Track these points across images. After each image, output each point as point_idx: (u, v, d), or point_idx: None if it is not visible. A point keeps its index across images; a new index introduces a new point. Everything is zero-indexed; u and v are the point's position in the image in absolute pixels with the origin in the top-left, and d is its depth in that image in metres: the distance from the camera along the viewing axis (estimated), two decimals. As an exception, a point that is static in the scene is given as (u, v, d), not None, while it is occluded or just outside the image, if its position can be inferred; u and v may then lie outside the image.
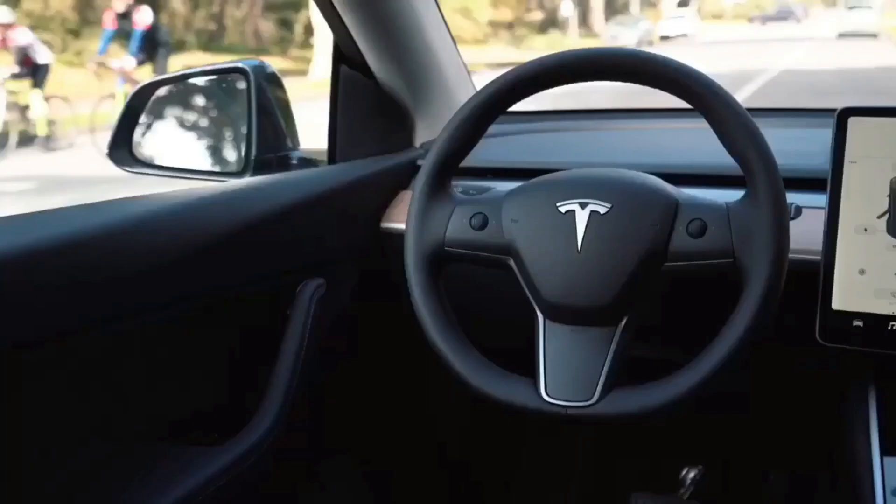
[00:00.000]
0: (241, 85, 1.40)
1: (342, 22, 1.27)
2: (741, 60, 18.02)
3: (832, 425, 1.23)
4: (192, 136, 1.53)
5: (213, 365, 1.14)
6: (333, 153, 1.38)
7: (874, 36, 24.30)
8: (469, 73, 1.49)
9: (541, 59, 1.01)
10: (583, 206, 0.97)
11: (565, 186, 1.00)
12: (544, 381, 0.96)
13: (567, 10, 29.81)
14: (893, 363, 1.10)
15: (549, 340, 0.98)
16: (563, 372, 0.96)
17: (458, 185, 1.24)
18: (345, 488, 1.50)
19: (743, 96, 12.31)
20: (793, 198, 1.02)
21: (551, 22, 31.16)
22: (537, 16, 31.85)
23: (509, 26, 29.36)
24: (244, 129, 1.39)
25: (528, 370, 0.99)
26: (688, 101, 0.96)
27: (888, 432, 1.12)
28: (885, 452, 1.10)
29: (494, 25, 28.37)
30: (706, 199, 0.97)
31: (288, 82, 1.47)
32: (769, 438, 1.56)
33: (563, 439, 1.73)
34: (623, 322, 0.97)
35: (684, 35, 30.45)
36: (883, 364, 1.12)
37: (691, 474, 1.53)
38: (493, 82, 1.02)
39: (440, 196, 1.03)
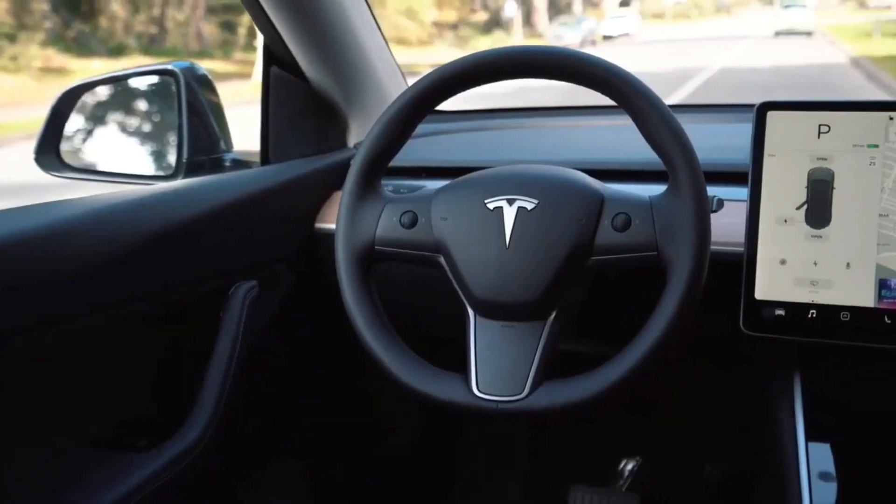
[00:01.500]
0: (173, 87, 1.38)
1: (271, 23, 1.27)
2: (682, 59, 18.31)
3: (761, 414, 1.26)
4: (121, 139, 1.51)
5: (146, 369, 1.13)
6: (266, 154, 1.38)
7: (809, 34, 24.86)
8: (402, 71, 1.49)
9: (468, 57, 1.02)
10: (510, 202, 0.98)
11: (493, 183, 1.01)
12: (475, 376, 0.97)
13: (511, 10, 30.00)
14: (816, 351, 1.13)
15: (480, 336, 0.99)
16: (493, 367, 0.97)
17: (389, 185, 1.25)
18: (286, 491, 1.49)
19: (684, 94, 12.51)
20: (715, 191, 1.04)
21: (496, 22, 31.33)
22: (482, 16, 32.00)
23: (454, 27, 29.45)
24: (175, 132, 1.37)
25: (460, 367, 0.99)
26: (613, 99, 0.98)
27: (812, 418, 1.15)
28: (809, 438, 1.13)
29: (439, 26, 28.45)
30: (631, 193, 0.98)
31: (232, 85, 1.48)
32: (705, 429, 1.59)
33: (504, 434, 1.74)
34: (552, 316, 0.98)
35: (626, 34, 30.84)
36: (806, 352, 1.15)
37: (629, 466, 1.55)
38: (419, 81, 1.02)
39: (369, 195, 1.04)
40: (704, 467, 1.58)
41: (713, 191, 1.03)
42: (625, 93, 0.95)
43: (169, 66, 1.38)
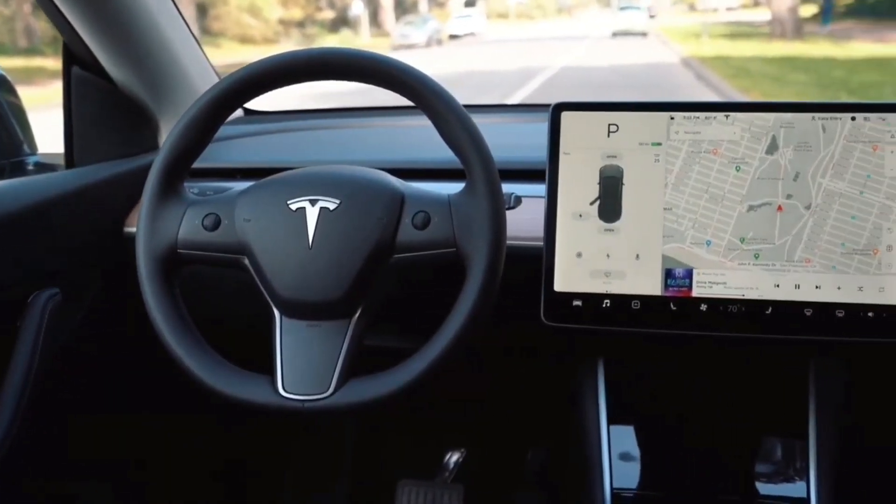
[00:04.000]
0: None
1: (67, 21, 1.22)
2: (526, 58, 18.74)
3: (571, 400, 1.31)
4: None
5: None
6: (71, 157, 1.33)
7: (644, 35, 25.95)
8: (216, 70, 1.47)
9: (267, 59, 1.02)
10: (313, 202, 0.99)
11: (296, 184, 1.01)
12: (281, 376, 0.98)
13: (357, 8, 29.94)
14: (617, 339, 1.19)
15: (286, 336, 1.00)
16: (299, 366, 0.98)
17: (195, 187, 1.23)
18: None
19: (528, 90, 12.82)
20: (513, 188, 1.08)
21: (342, 21, 31.18)
22: (328, 14, 31.78)
23: (300, 25, 29.11)
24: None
25: (269, 367, 1.00)
26: (410, 100, 1.00)
27: (613, 403, 1.21)
28: (611, 421, 1.20)
29: (285, 24, 28.05)
30: (430, 192, 1.01)
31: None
32: (526, 418, 1.65)
33: (332, 433, 1.75)
34: (356, 314, 1.00)
35: (472, 34, 31.30)
36: (608, 340, 1.21)
37: (454, 458, 1.59)
38: (218, 83, 1.02)
39: (171, 198, 1.02)
40: (527, 454, 1.64)
41: (512, 188, 1.07)
42: (421, 94, 0.98)
43: (-37, 69, 1.32)
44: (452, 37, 29.72)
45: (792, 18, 20.42)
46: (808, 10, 23.23)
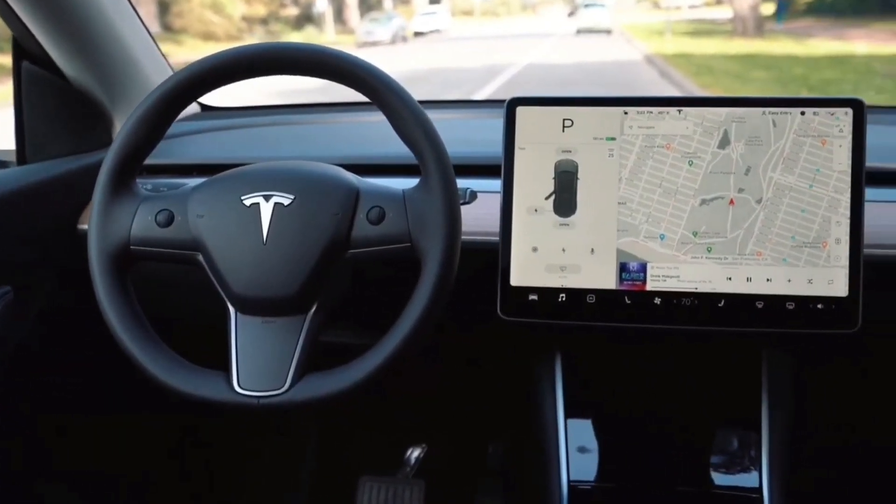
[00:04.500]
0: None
1: (16, 15, 1.21)
2: (491, 55, 18.76)
3: (531, 393, 1.32)
4: None
5: None
6: (23, 154, 1.31)
7: (608, 32, 26.11)
8: (171, 66, 1.46)
9: (224, 53, 1.01)
10: (267, 198, 0.99)
11: (249, 180, 1.01)
12: (236, 373, 0.97)
13: (322, 5, 29.80)
14: (574, 333, 1.20)
15: (241, 332, 1.00)
16: (255, 363, 0.98)
17: (149, 183, 1.22)
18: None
19: (494, 87, 12.85)
20: (469, 183, 1.08)
21: (307, 17, 31.02)
22: (292, 11, 31.58)
23: (264, 22, 28.90)
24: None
25: (224, 364, 0.99)
26: (366, 96, 1.00)
27: (571, 396, 1.22)
28: (568, 414, 1.21)
29: (248, 21, 27.82)
30: (385, 187, 1.01)
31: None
32: (487, 412, 1.65)
33: (294, 430, 1.74)
34: (312, 310, 1.00)
35: (437, 31, 31.29)
36: (565, 334, 1.22)
37: (415, 453, 1.59)
38: (171, 77, 1.01)
39: (123, 194, 1.01)
40: (488, 449, 1.64)
41: (467, 183, 1.07)
42: (376, 89, 0.98)
43: None
44: (417, 34, 29.69)
45: (753, 16, 20.66)
46: (770, 8, 23.50)
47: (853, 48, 15.55)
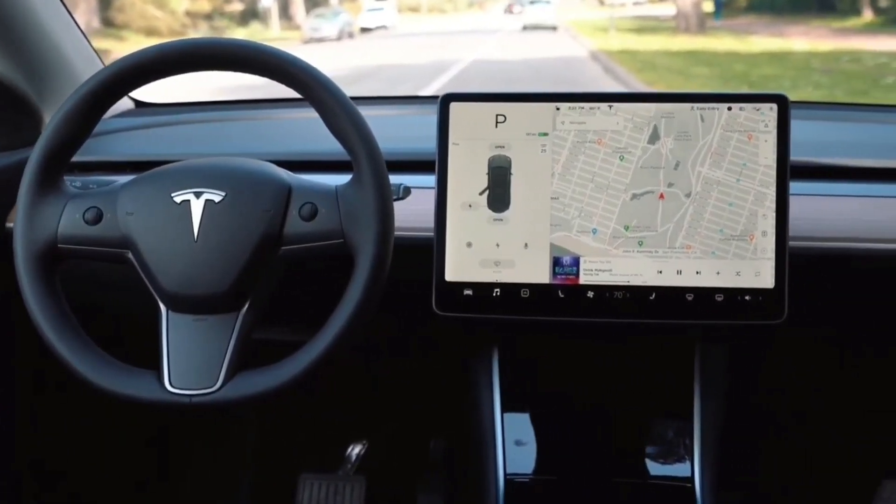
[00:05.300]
0: None
1: None
2: (438, 51, 18.78)
3: (469, 389, 1.33)
4: None
5: None
6: (-53, 152, 1.28)
7: (554, 28, 26.28)
8: (102, 60, 1.43)
9: (151, 48, 1.00)
10: (197, 195, 0.98)
11: (180, 177, 1.00)
12: (168, 371, 0.96)
13: (267, 1, 29.50)
14: (510, 327, 1.21)
15: (172, 331, 0.99)
16: (186, 361, 0.97)
17: (77, 181, 1.20)
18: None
19: (442, 82, 12.86)
20: (402, 179, 1.09)
21: (252, 13, 30.71)
22: (237, 7, 31.22)
23: (208, 17, 28.53)
24: None
25: (156, 363, 0.98)
26: (298, 92, 0.99)
27: (508, 390, 1.23)
28: (505, 408, 1.21)
29: (192, 16, 27.45)
30: (317, 183, 1.01)
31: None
32: (428, 408, 1.66)
33: (233, 429, 1.73)
34: (245, 307, 0.99)
35: (384, 27, 31.20)
36: (501, 328, 1.23)
37: (356, 450, 1.59)
38: (100, 72, 0.99)
39: (50, 192, 0.99)
40: (429, 444, 1.65)
41: (401, 179, 1.07)
42: (307, 85, 0.97)
43: None
44: (364, 30, 29.57)
45: (696, 13, 20.97)
46: (712, 6, 23.87)
47: (792, 45, 15.88)
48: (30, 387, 1.43)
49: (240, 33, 25.16)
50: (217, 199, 0.98)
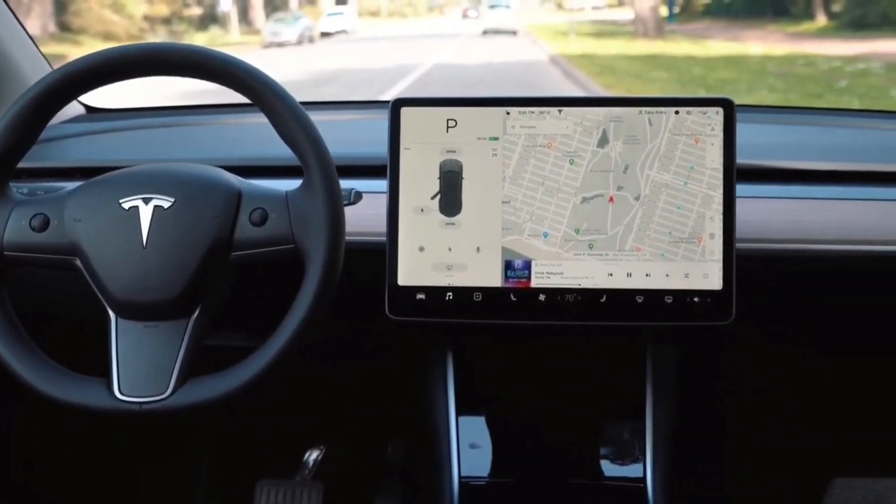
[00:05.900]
0: None
1: None
2: (399, 56, 18.77)
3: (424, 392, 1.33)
4: None
5: None
6: None
7: (514, 33, 26.41)
8: (50, 64, 1.41)
9: (99, 53, 0.99)
10: (146, 201, 0.97)
11: (128, 183, 0.99)
12: (117, 379, 0.96)
13: (226, 5, 29.28)
14: (463, 331, 1.21)
15: (122, 337, 0.98)
16: (136, 368, 0.96)
17: (24, 187, 1.19)
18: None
19: (403, 86, 12.85)
20: (354, 184, 1.09)
21: (211, 18, 30.45)
22: (196, 11, 30.95)
23: (166, 21, 28.25)
24: None
25: (106, 370, 0.97)
26: (248, 98, 0.99)
27: (462, 393, 1.23)
28: (460, 411, 1.22)
29: (150, 20, 27.15)
30: (267, 188, 1.00)
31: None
32: (385, 412, 1.66)
33: (188, 437, 1.71)
34: (195, 314, 0.98)
35: (344, 31, 31.10)
36: (455, 332, 1.23)
37: (313, 455, 1.58)
38: (46, 76, 0.98)
39: None
40: (387, 448, 1.65)
41: (352, 184, 1.07)
42: (258, 91, 0.97)
43: None
44: (324, 34, 29.44)
45: (654, 18, 21.20)
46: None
47: (748, 49, 16.11)
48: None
49: (199, 38, 24.94)
50: (166, 204, 0.97)
